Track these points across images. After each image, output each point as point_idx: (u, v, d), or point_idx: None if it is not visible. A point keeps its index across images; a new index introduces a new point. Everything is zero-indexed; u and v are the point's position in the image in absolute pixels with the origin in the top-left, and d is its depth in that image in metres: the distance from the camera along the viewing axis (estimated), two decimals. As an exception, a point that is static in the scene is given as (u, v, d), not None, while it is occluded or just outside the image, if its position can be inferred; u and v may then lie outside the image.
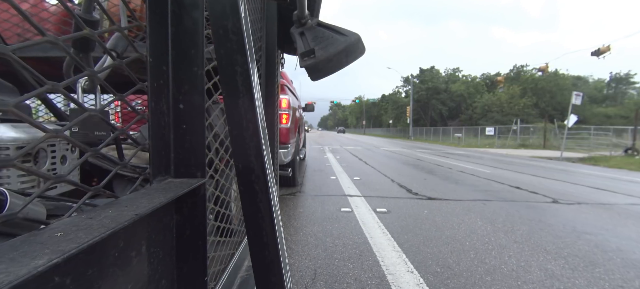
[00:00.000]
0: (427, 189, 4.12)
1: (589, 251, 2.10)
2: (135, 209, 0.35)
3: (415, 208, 3.09)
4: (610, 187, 4.88)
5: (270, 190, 0.53)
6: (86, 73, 0.35)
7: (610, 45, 15.76)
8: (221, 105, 0.81)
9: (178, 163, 0.50)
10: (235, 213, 1.08)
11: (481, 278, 1.66)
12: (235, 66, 0.50)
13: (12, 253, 0.23)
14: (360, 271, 1.72)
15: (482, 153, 13.01)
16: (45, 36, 0.27)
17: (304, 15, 0.83)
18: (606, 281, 1.67)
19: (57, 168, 0.66)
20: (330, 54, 0.81)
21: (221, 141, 0.80)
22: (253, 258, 0.55)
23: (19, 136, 0.59)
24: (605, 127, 16.37)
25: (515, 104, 31.75)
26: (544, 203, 3.50)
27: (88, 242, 0.26)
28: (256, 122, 0.51)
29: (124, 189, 0.79)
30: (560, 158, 10.79)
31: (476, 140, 22.96)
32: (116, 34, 0.68)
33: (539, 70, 24.62)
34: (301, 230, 2.36)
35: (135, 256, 0.36)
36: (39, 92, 0.27)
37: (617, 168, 8.27)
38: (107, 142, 0.40)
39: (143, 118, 0.47)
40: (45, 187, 0.31)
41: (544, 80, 32.63)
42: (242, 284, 0.91)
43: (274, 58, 1.33)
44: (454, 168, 6.79)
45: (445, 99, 40.70)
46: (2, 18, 0.95)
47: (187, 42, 0.49)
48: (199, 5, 0.48)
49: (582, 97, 10.97)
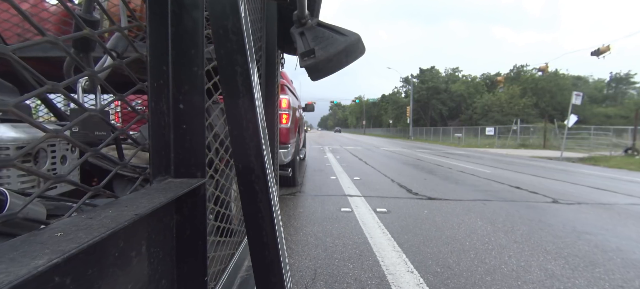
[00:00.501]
0: (427, 189, 4.12)
1: (589, 251, 2.10)
2: (135, 209, 0.35)
3: (415, 208, 3.09)
4: (610, 187, 4.88)
5: (270, 190, 0.53)
6: (86, 73, 0.35)
7: (610, 45, 15.75)
8: (221, 105, 0.81)
9: (178, 163, 0.50)
10: (235, 213, 1.08)
11: (481, 278, 1.66)
12: (235, 66, 0.50)
13: (12, 253, 0.23)
14: (360, 271, 1.72)
15: (482, 153, 13.01)
16: (46, 36, 0.27)
17: (304, 15, 0.83)
18: (606, 281, 1.67)
19: (57, 168, 0.66)
20: (330, 54, 0.81)
21: (221, 141, 0.80)
22: (253, 258, 0.55)
23: (19, 136, 0.59)
24: (605, 127, 16.37)
25: (515, 104, 31.74)
26: (544, 203, 3.50)
27: (88, 242, 0.26)
28: (256, 122, 0.51)
29: (124, 189, 0.79)
30: (560, 158, 10.79)
31: (476, 140, 22.96)
32: (116, 34, 0.68)
33: (539, 70, 24.61)
34: (301, 230, 2.36)
35: (135, 256, 0.36)
36: (39, 92, 0.27)
37: (617, 168, 8.26)
38: (107, 142, 0.40)
39: (143, 118, 0.47)
40: (45, 187, 0.31)
41: (544, 80, 32.63)
42: (242, 284, 0.91)
43: (274, 58, 1.33)
44: (454, 168, 6.79)
45: (445, 99, 40.69)
46: (2, 18, 0.95)
47: (187, 42, 0.49)
48: (199, 5, 0.48)
49: (582, 97, 10.97)
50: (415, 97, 38.52)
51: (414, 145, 17.74)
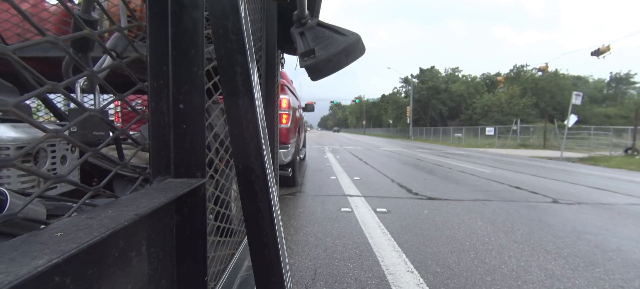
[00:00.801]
0: (427, 189, 4.12)
1: (589, 251, 2.10)
2: (135, 209, 0.35)
3: (415, 208, 3.09)
4: (610, 187, 4.87)
5: (270, 190, 0.53)
6: (86, 73, 0.35)
7: (610, 45, 15.76)
8: (221, 105, 0.81)
9: (178, 163, 0.50)
10: (235, 213, 1.08)
11: (481, 278, 1.66)
12: (235, 66, 0.50)
13: (12, 253, 0.23)
14: (360, 271, 1.72)
15: (482, 153, 13.01)
16: (45, 36, 0.27)
17: (304, 15, 0.83)
18: (606, 281, 1.67)
19: (57, 168, 0.66)
20: (330, 54, 0.81)
21: (221, 141, 0.80)
22: (253, 258, 0.55)
23: (19, 136, 0.59)
24: (605, 127, 16.38)
25: (515, 104, 31.74)
26: (544, 203, 3.50)
27: (88, 242, 0.26)
28: (256, 122, 0.51)
29: (124, 189, 0.79)
30: (560, 158, 10.78)
31: (476, 140, 22.96)
32: (116, 34, 0.68)
33: (539, 70, 24.63)
34: (301, 230, 2.36)
35: (135, 256, 0.36)
36: (39, 92, 0.27)
37: (617, 168, 8.26)
38: (107, 142, 0.40)
39: (143, 118, 0.47)
40: (45, 187, 0.31)
41: (544, 80, 32.63)
42: (242, 284, 0.91)
43: (274, 58, 1.33)
44: (454, 168, 6.79)
45: (446, 99, 40.69)
46: (2, 18, 0.95)
47: (187, 42, 0.49)
48: (199, 5, 0.48)
49: (582, 97, 10.97)
50: (415, 97, 38.52)
51: (414, 145, 17.74)
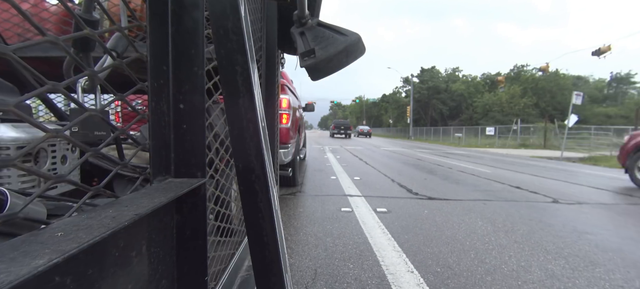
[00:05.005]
0: (428, 189, 4.12)
1: (589, 251, 2.10)
2: (136, 209, 0.35)
3: (416, 208, 3.09)
4: (610, 187, 4.87)
5: (270, 190, 0.53)
6: (86, 73, 0.35)
7: (611, 45, 15.74)
8: (221, 105, 0.81)
9: (178, 163, 0.50)
10: (236, 213, 1.08)
11: (481, 278, 1.66)
12: (235, 66, 0.50)
13: (12, 253, 0.23)
14: (360, 271, 1.72)
15: (482, 153, 13.00)
16: (46, 36, 0.27)
17: (304, 15, 0.83)
18: (606, 281, 1.67)
19: (58, 168, 0.66)
20: (331, 54, 0.80)
21: (221, 141, 0.80)
22: (253, 257, 0.55)
23: (20, 136, 0.59)
24: (606, 127, 16.38)
25: (515, 104, 31.73)
26: (545, 203, 3.49)
27: (88, 242, 0.26)
28: (256, 122, 0.51)
29: (124, 189, 0.79)
30: (560, 158, 10.78)
31: (476, 140, 22.95)
32: (116, 34, 0.68)
33: (540, 69, 24.60)
34: (301, 230, 2.36)
35: (135, 256, 0.36)
36: (40, 91, 0.27)
37: (618, 168, 8.26)
38: (108, 142, 0.40)
39: (143, 118, 0.47)
40: (45, 187, 0.31)
41: (545, 80, 32.61)
42: (242, 284, 0.91)
43: (274, 58, 1.33)
44: (454, 168, 6.79)
45: (446, 99, 40.69)
46: (3, 18, 0.95)
47: (187, 42, 0.49)
48: (199, 5, 0.48)
49: (582, 97, 10.97)
50: (415, 97, 38.51)
51: (414, 145, 17.74)
